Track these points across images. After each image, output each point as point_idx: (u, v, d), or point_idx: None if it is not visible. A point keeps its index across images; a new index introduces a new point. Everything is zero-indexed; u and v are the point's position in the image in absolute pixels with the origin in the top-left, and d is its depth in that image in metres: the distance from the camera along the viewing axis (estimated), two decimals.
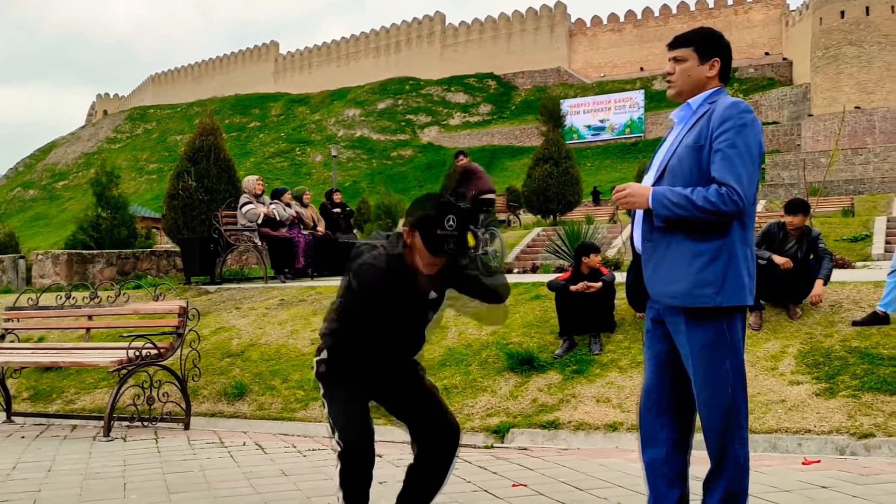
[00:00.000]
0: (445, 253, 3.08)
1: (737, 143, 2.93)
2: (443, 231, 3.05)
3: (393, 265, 3.11)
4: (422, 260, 3.13)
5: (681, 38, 3.20)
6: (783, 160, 50.41)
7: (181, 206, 12.32)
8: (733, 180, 2.89)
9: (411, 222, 3.14)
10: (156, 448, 5.93)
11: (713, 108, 3.04)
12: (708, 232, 2.95)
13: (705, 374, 2.98)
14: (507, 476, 4.68)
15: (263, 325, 9.29)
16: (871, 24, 52.74)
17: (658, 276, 3.02)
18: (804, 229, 7.47)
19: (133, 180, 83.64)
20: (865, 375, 6.12)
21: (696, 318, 2.97)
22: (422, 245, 3.09)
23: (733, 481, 3.00)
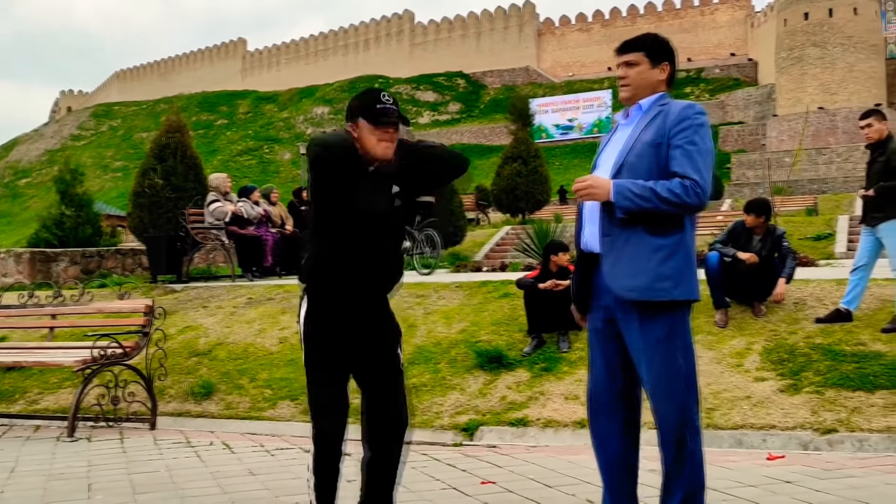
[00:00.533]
0: (390, 120, 3.13)
1: (695, 140, 3.02)
2: (381, 104, 3.13)
3: (345, 143, 3.14)
4: (371, 142, 3.14)
5: (631, 42, 3.25)
6: (749, 160, 50.99)
7: (147, 203, 12.18)
8: (695, 174, 2.97)
9: (350, 114, 3.20)
10: (121, 448, 5.86)
11: (667, 110, 3.12)
12: (667, 227, 3.02)
13: (660, 367, 3.02)
14: (475, 473, 4.69)
15: (231, 323, 9.22)
16: (834, 26, 53.51)
17: (618, 271, 3.04)
18: (769, 228, 7.57)
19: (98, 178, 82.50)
20: (829, 372, 6.22)
21: (651, 312, 3.02)
22: (368, 130, 3.13)
23: (691, 478, 3.03)
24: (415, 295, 9.32)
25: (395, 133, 3.18)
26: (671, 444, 3.03)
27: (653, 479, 4.20)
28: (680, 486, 3.02)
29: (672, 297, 3.00)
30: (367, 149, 3.15)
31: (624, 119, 3.27)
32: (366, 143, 3.14)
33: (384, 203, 3.23)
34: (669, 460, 3.05)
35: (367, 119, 3.13)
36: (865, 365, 6.20)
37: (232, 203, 11.70)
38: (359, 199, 3.15)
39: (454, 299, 9.08)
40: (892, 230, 6.75)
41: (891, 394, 5.80)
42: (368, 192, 3.17)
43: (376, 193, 3.20)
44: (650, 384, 3.04)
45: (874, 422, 5.52)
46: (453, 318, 8.48)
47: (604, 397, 3.21)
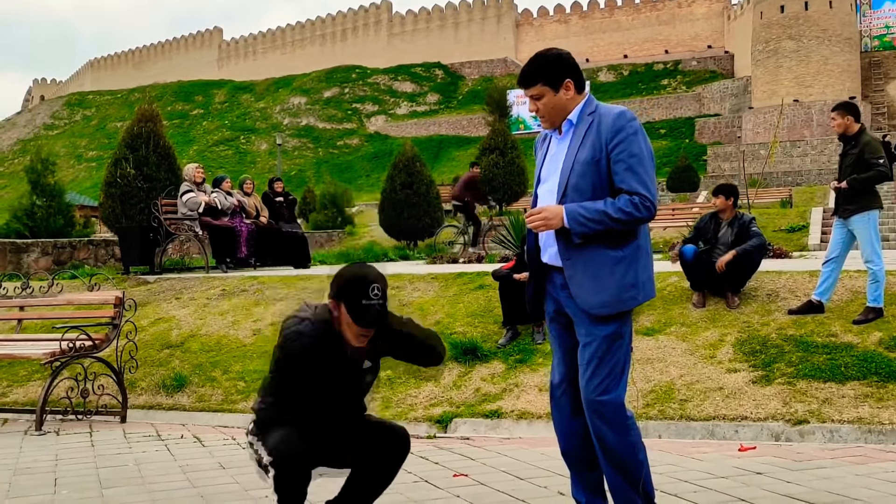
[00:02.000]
0: (371, 322, 3.00)
1: (634, 151, 3.08)
2: (367, 300, 2.97)
3: (320, 333, 3.02)
4: (350, 331, 3.03)
5: (527, 75, 3.21)
6: (724, 152, 51.27)
7: (119, 194, 12.01)
8: (642, 188, 3.04)
9: (335, 293, 3.04)
10: (90, 442, 5.78)
11: (598, 119, 3.14)
12: (622, 239, 3.10)
13: (601, 361, 3.08)
14: (448, 466, 4.67)
15: (204, 315, 9.13)
16: (809, 19, 53.82)
17: (584, 290, 3.09)
18: (735, 214, 7.62)
19: (71, 168, 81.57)
20: (800, 363, 6.25)
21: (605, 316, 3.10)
22: (348, 317, 3.00)
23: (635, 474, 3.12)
24: (389, 286, 9.24)
25: None
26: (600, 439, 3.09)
27: None
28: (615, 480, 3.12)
29: (638, 303, 3.13)
30: (345, 335, 3.06)
31: (557, 134, 3.28)
32: (344, 329, 3.04)
33: (356, 379, 3.21)
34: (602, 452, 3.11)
35: (349, 313, 2.99)
36: (837, 356, 6.25)
37: (205, 193, 11.58)
38: (330, 378, 3.09)
39: (429, 291, 9.05)
40: (863, 222, 6.80)
41: (861, 385, 5.84)
42: (340, 372, 3.12)
43: (348, 372, 3.15)
44: (585, 378, 3.09)
45: (845, 413, 5.56)
46: (428, 311, 8.45)
47: (563, 386, 3.27)
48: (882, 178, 6.87)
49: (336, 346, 3.06)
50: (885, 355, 6.16)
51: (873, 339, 6.43)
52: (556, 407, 3.30)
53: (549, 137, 3.33)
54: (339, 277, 3.07)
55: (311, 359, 3.02)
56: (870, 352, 6.24)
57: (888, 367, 5.98)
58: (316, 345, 3.01)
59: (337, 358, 3.09)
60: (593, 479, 3.26)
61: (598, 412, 3.07)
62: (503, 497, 3.92)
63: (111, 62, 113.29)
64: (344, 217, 25.73)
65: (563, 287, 3.17)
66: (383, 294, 3.03)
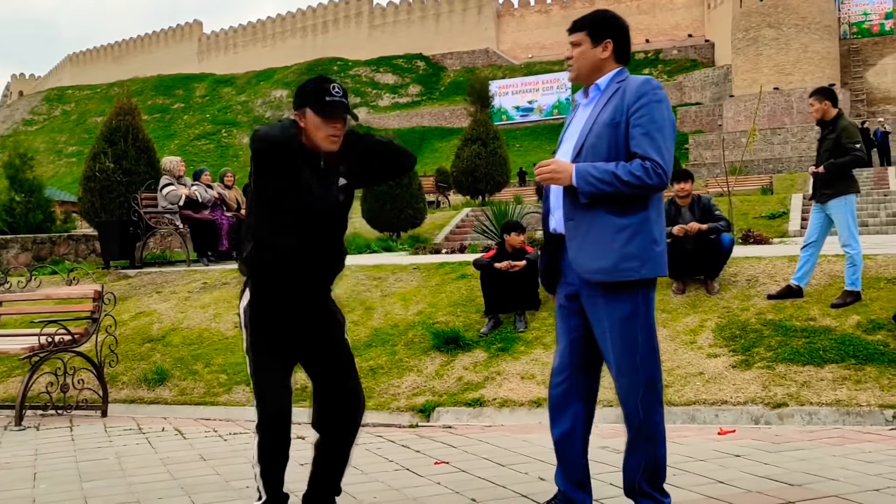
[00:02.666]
0: (337, 112, 3.06)
1: (655, 118, 3.00)
2: (330, 96, 3.06)
3: (288, 131, 3.05)
4: (319, 135, 3.07)
5: (576, 22, 3.26)
6: (706, 140, 51.46)
7: (98, 188, 11.92)
8: (656, 154, 2.97)
9: (298, 104, 3.12)
10: (70, 436, 5.75)
11: (624, 87, 3.09)
12: (629, 206, 3.02)
13: (624, 345, 3.02)
14: (430, 454, 4.68)
15: (185, 308, 9.10)
16: (788, 7, 54.03)
17: (583, 254, 3.04)
18: (693, 198, 7.68)
19: (51, 163, 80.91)
20: (779, 347, 6.30)
21: (616, 291, 3.02)
22: (315, 122, 3.06)
23: (653, 454, 3.07)
24: (372, 277, 9.28)
25: (343, 125, 3.12)
26: (634, 422, 3.06)
27: (605, 455, 4.23)
28: (642, 458, 3.06)
29: (640, 276, 3.01)
30: (314, 140, 3.08)
31: (584, 99, 3.25)
32: (312, 134, 3.07)
33: (330, 197, 3.17)
34: (632, 437, 3.08)
35: (315, 111, 3.05)
36: (815, 340, 6.30)
37: (185, 187, 11.52)
38: (303, 193, 3.09)
39: (412, 281, 9.05)
40: (840, 207, 6.85)
41: (839, 368, 5.90)
42: (313, 186, 3.11)
43: (321, 187, 3.14)
44: (615, 361, 3.05)
45: (823, 395, 5.61)
46: (410, 300, 8.45)
47: (566, 371, 3.21)
48: (858, 163, 6.92)
49: (307, 154, 3.10)
50: (862, 338, 6.21)
51: (851, 322, 6.48)
52: (553, 393, 3.25)
53: (577, 108, 3.30)
54: (299, 89, 3.16)
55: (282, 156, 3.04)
56: (848, 335, 6.29)
57: (866, 350, 6.03)
58: (286, 146, 3.04)
59: (308, 165, 3.11)
60: (577, 474, 3.22)
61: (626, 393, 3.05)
62: (484, 483, 3.93)
63: (90, 56, 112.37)
64: None
65: None
66: (344, 92, 3.12)
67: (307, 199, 3.10)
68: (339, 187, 3.20)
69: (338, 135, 3.10)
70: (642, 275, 3.01)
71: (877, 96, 56.93)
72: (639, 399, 3.04)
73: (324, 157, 3.14)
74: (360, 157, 3.21)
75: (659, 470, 3.10)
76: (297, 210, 3.11)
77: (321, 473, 3.34)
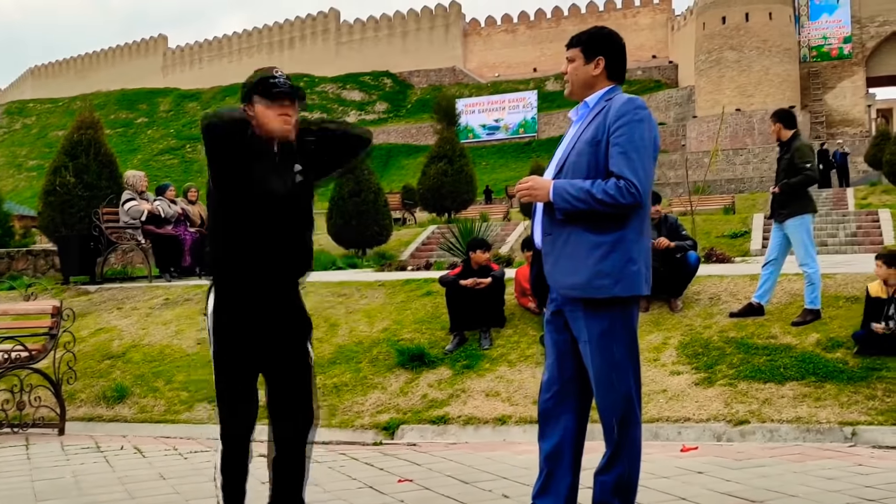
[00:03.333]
0: (283, 93, 3.08)
1: (633, 137, 3.03)
2: (274, 79, 3.09)
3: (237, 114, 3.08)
4: (269, 120, 3.08)
5: (573, 38, 3.32)
6: (669, 160, 52.08)
7: (58, 202, 11.73)
8: (630, 174, 2.99)
9: (245, 95, 3.14)
10: (26, 455, 5.62)
11: (609, 105, 3.13)
12: (606, 224, 3.04)
13: (602, 360, 3.05)
14: (393, 472, 4.64)
15: (147, 325, 8.97)
16: (750, 30, 55.08)
17: (558, 269, 3.08)
18: (661, 217, 7.77)
19: (11, 178, 79.65)
20: (741, 364, 6.37)
21: (594, 307, 3.05)
22: (264, 107, 3.07)
23: (627, 471, 3.09)
24: (337, 294, 9.23)
25: (293, 108, 3.12)
26: (612, 437, 3.08)
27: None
28: (614, 474, 3.08)
29: (612, 294, 3.02)
30: (266, 127, 3.07)
31: (575, 116, 3.30)
32: (263, 120, 3.07)
33: (286, 182, 3.15)
34: (610, 452, 3.10)
35: (262, 95, 3.07)
36: (776, 357, 6.38)
37: (148, 202, 11.38)
38: (259, 178, 3.07)
39: (377, 298, 9.01)
40: (797, 226, 6.95)
41: (800, 385, 5.97)
42: (269, 172, 3.09)
43: (277, 173, 3.12)
44: (594, 376, 3.08)
45: (784, 412, 5.67)
46: (375, 317, 8.42)
47: (555, 386, 3.22)
48: (809, 182, 7.04)
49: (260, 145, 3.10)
50: (822, 356, 6.30)
51: (811, 340, 6.57)
52: (543, 407, 3.23)
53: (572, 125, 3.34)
54: (244, 83, 3.19)
55: (232, 131, 3.04)
56: (808, 353, 6.38)
57: (825, 368, 6.11)
58: (235, 121, 3.05)
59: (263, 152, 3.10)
60: (561, 491, 3.18)
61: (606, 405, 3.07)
62: (448, 501, 3.90)
63: (53, 70, 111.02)
64: None
65: None
66: (287, 77, 3.15)
67: (263, 185, 3.08)
68: (296, 174, 3.19)
69: (289, 114, 3.10)
70: (615, 293, 3.02)
71: (836, 118, 58.14)
72: (616, 415, 3.06)
73: (278, 146, 3.13)
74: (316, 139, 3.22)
75: (632, 488, 3.11)
76: (254, 198, 3.08)
77: (281, 491, 3.30)
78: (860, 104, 58.85)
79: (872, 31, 59.08)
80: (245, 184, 3.07)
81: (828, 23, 59.54)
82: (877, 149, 32.31)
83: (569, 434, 3.19)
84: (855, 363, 6.13)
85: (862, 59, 58.98)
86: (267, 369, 3.27)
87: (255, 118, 3.08)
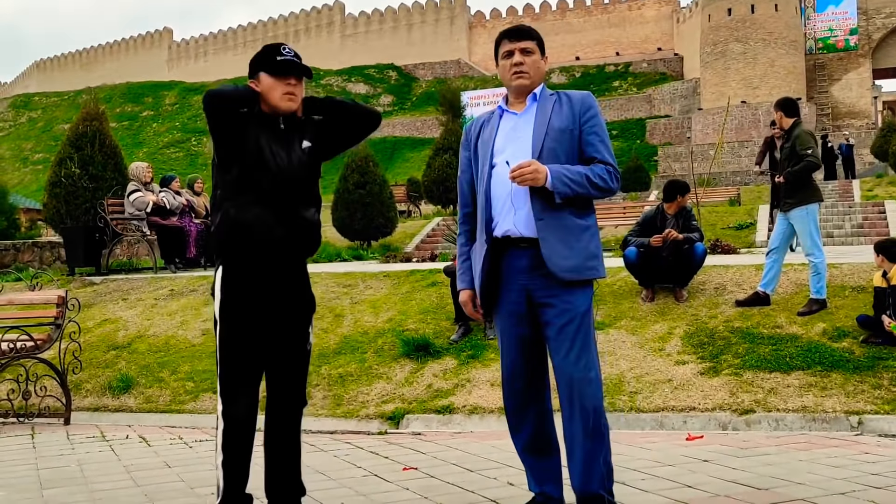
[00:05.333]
0: (290, 68, 3.08)
1: (603, 127, 3.27)
2: (282, 56, 3.09)
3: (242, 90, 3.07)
4: (275, 95, 3.08)
5: (523, 31, 3.31)
6: (675, 152, 51.97)
7: (64, 194, 11.76)
8: (613, 160, 3.21)
9: (251, 70, 3.15)
10: (31, 444, 5.64)
11: (563, 97, 3.25)
12: (587, 208, 3.21)
13: (584, 340, 3.11)
14: (398, 460, 4.64)
15: (152, 316, 8.98)
16: (756, 22, 54.82)
17: (556, 253, 3.09)
18: (680, 207, 7.76)
19: (17, 171, 79.75)
20: (747, 354, 6.35)
21: (576, 288, 3.13)
22: (270, 82, 3.07)
23: (608, 452, 3.15)
24: (342, 285, 9.22)
25: (300, 85, 3.11)
26: (591, 416, 3.08)
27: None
28: (600, 458, 3.10)
29: (599, 275, 3.17)
30: (271, 102, 3.06)
31: (506, 105, 3.32)
32: (269, 95, 3.06)
33: (292, 157, 3.13)
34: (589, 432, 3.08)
35: (269, 71, 3.07)
36: (782, 347, 6.35)
37: (153, 193, 11.39)
38: (263, 150, 3.05)
39: (382, 288, 9.01)
40: (802, 216, 6.93)
41: (806, 375, 5.95)
42: (273, 145, 3.08)
43: (282, 146, 3.11)
44: (574, 357, 3.08)
45: (790, 402, 5.65)
46: (381, 308, 8.41)
47: (520, 381, 3.24)
48: (812, 168, 7.01)
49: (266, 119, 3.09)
50: (828, 345, 6.28)
51: (817, 329, 6.55)
52: (513, 402, 3.26)
53: (499, 116, 3.31)
54: (252, 58, 3.19)
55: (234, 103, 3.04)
56: (814, 342, 6.35)
57: (831, 358, 6.09)
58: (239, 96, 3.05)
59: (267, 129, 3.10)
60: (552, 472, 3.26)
61: (586, 390, 3.07)
62: (452, 489, 3.90)
63: (58, 63, 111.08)
64: None
65: (531, 269, 3.12)
66: (296, 53, 3.16)
67: (268, 161, 3.07)
68: (303, 149, 3.18)
69: (294, 92, 3.10)
70: (600, 274, 3.19)
71: (841, 110, 57.88)
72: (597, 396, 3.11)
73: (284, 120, 3.12)
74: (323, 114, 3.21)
75: (612, 470, 3.17)
76: (259, 173, 3.06)
77: (277, 472, 3.29)
78: (866, 96, 58.58)
79: (879, 22, 58.78)
80: (248, 156, 3.05)
81: (834, 14, 59.24)
82: (883, 140, 32.23)
83: (544, 419, 3.27)
84: (861, 352, 6.11)
85: (868, 51, 58.69)
86: (269, 352, 3.26)
87: (260, 93, 3.08)
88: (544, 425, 3.26)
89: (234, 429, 3.14)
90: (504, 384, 3.29)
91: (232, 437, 3.14)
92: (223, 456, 3.14)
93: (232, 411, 3.13)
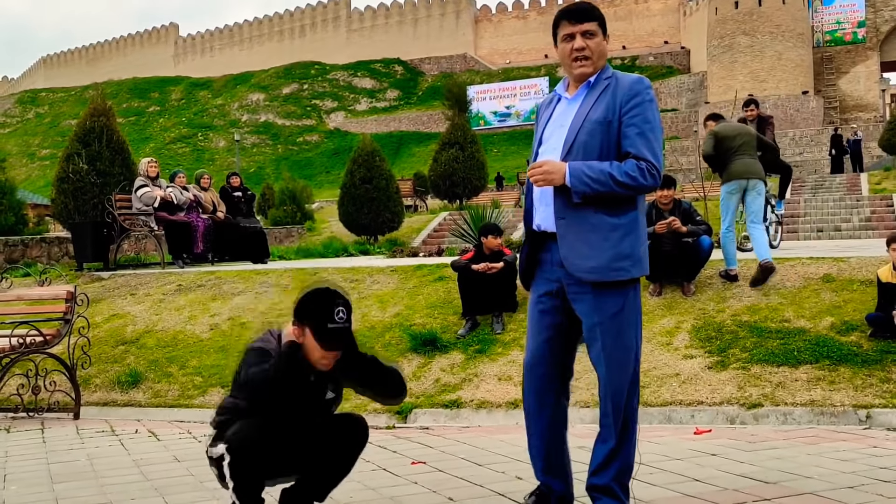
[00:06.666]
0: (338, 345, 2.94)
1: (649, 118, 2.98)
2: (333, 324, 2.92)
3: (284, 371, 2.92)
4: (314, 354, 2.95)
5: (586, 9, 3.06)
6: (681, 146, 51.86)
7: (71, 189, 11.79)
8: (650, 155, 2.94)
9: (299, 318, 2.97)
10: (41, 438, 5.67)
11: (614, 83, 3.03)
12: (621, 206, 2.99)
13: (614, 342, 3.00)
14: (406, 454, 4.66)
15: (160, 311, 9.01)
16: (763, 15, 54.67)
17: (575, 253, 2.99)
18: (674, 203, 7.78)
19: (24, 166, 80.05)
20: (754, 348, 6.34)
21: (608, 288, 2.99)
22: (314, 344, 2.92)
23: (629, 452, 3.06)
24: (349, 279, 9.23)
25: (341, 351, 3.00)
26: (615, 420, 3.02)
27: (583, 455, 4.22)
28: (618, 459, 3.03)
29: (631, 276, 2.99)
30: (309, 359, 2.97)
31: (565, 92, 3.17)
32: (309, 353, 2.95)
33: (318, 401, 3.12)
34: (609, 435, 3.04)
35: (315, 335, 2.92)
36: (789, 341, 6.35)
37: (161, 188, 11.41)
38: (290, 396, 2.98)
39: (389, 283, 9.02)
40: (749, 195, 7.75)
41: (814, 368, 5.94)
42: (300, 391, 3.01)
43: (311, 394, 3.07)
44: (605, 358, 3.02)
45: (798, 396, 5.65)
46: (388, 302, 8.42)
47: (541, 369, 3.16)
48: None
49: (300, 375, 2.97)
50: (836, 339, 6.26)
51: (825, 323, 6.54)
52: (531, 389, 3.19)
53: (556, 100, 3.21)
54: (303, 301, 2.97)
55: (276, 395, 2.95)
56: (822, 336, 6.34)
57: (839, 351, 6.08)
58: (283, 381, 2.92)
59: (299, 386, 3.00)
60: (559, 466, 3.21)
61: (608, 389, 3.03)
62: (461, 483, 3.91)
63: (65, 59, 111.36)
64: (304, 213, 25.52)
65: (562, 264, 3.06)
66: (348, 317, 2.97)
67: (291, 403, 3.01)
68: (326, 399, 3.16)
69: (332, 361, 2.99)
70: (633, 274, 3.00)
71: (849, 104, 57.68)
72: (625, 397, 3.03)
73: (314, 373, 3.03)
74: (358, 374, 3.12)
75: (630, 469, 3.09)
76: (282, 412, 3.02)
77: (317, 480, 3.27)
78: (874, 89, 58.36)
79: (887, 15, 58.52)
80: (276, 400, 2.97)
81: (842, 7, 59.00)
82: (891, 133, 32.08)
83: (558, 412, 3.19)
84: (869, 346, 6.10)
85: (876, 44, 58.45)
86: None
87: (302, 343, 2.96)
88: (559, 422, 3.19)
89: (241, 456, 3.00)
90: (525, 370, 3.23)
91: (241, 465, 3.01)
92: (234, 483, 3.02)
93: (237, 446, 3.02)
